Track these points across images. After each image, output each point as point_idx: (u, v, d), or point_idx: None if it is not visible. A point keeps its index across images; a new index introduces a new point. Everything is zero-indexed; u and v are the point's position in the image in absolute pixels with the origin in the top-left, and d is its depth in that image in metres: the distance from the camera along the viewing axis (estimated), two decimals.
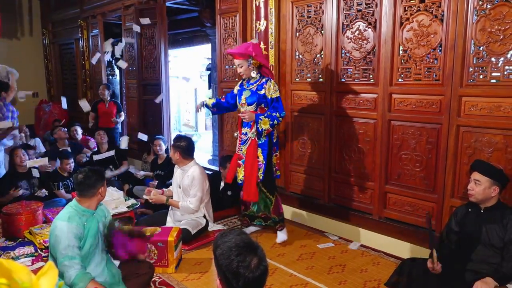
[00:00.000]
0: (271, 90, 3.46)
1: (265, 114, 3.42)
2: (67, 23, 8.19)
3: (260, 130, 3.42)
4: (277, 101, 3.47)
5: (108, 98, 6.40)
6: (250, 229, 3.89)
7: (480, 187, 2.40)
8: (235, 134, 3.78)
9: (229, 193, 4.48)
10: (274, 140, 3.62)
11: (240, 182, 3.62)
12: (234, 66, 3.66)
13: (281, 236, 3.70)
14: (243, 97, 3.58)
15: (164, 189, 3.91)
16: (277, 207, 3.71)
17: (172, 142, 3.78)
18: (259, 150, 3.51)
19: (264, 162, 3.51)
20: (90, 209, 2.41)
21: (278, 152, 3.71)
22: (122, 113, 6.56)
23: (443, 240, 2.59)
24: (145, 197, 3.80)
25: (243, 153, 3.56)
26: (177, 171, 3.77)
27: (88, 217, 2.38)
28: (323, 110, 3.90)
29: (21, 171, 4.57)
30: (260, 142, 3.50)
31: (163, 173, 4.98)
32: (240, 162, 3.61)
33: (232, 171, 3.68)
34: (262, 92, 3.48)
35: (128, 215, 3.97)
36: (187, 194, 3.65)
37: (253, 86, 3.55)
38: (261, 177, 3.52)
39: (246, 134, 3.54)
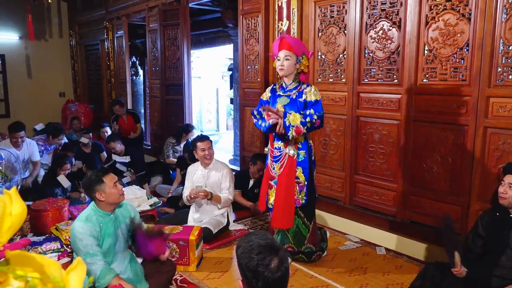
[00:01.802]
0: (311, 93, 2.96)
1: (298, 112, 2.89)
2: (93, 25, 8.38)
3: (287, 125, 2.79)
4: (316, 103, 2.93)
5: (125, 112, 6.49)
6: None
7: None
8: (266, 149, 3.23)
9: (255, 191, 4.51)
10: (313, 158, 3.14)
11: (270, 207, 3.13)
12: (277, 59, 3.01)
13: None
14: (279, 104, 3.04)
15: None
16: (314, 235, 3.21)
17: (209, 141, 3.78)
18: (299, 170, 3.01)
19: (306, 183, 3.01)
20: (106, 211, 2.44)
21: (315, 170, 3.23)
22: (139, 125, 6.61)
23: (469, 244, 2.53)
24: (198, 190, 3.55)
25: (275, 173, 3.05)
26: (196, 172, 3.79)
27: (104, 218, 2.43)
28: (345, 111, 3.86)
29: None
30: (299, 159, 3.00)
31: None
32: (271, 183, 3.09)
33: (264, 195, 3.18)
34: (303, 98, 2.99)
35: (150, 213, 4.03)
36: (215, 191, 3.69)
37: (291, 93, 3.04)
38: (303, 201, 3.03)
39: (279, 149, 3.03)
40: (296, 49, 2.96)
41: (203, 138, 3.79)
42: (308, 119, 2.81)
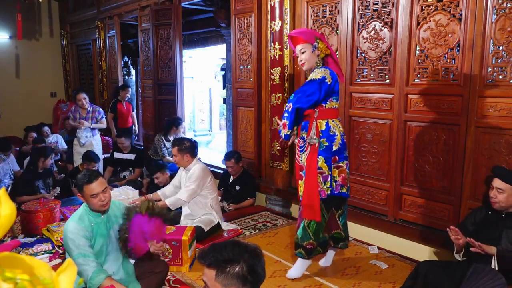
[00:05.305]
0: (314, 73, 2.78)
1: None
2: (84, 24, 8.32)
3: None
4: (309, 83, 2.74)
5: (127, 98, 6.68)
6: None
7: (503, 195, 2.34)
8: (295, 141, 2.99)
9: (237, 187, 4.52)
10: (335, 148, 2.82)
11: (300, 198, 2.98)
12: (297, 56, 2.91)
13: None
14: None
15: (150, 195, 3.86)
16: (331, 224, 3.07)
17: (175, 149, 3.66)
18: (321, 159, 2.79)
19: (329, 173, 2.81)
20: (96, 213, 2.43)
21: (343, 162, 2.88)
22: (133, 113, 6.85)
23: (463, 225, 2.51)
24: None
25: (303, 163, 2.88)
26: (181, 174, 3.82)
27: (96, 218, 2.41)
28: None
29: (39, 171, 4.65)
30: (321, 148, 2.80)
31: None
32: (301, 173, 2.91)
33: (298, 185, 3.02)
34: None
35: None
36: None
37: None
38: (328, 192, 2.83)
39: (303, 138, 2.87)
40: (307, 38, 2.81)
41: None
42: (285, 109, 2.73)
